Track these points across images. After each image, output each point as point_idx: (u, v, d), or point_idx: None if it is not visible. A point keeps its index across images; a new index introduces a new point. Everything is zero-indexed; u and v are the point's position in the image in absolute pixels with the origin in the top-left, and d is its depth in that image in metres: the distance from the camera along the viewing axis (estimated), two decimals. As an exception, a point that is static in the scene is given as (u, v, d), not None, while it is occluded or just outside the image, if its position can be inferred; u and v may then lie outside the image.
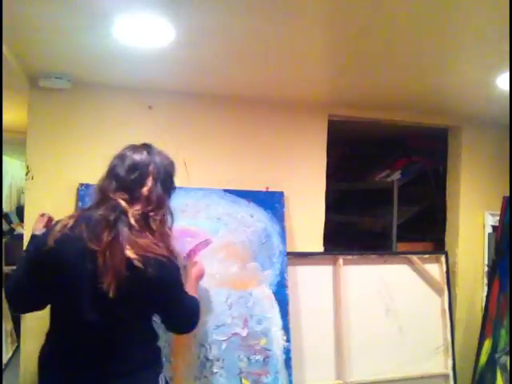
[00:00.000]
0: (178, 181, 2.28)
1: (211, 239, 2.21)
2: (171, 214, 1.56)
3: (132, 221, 1.42)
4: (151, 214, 1.47)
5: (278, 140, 2.50)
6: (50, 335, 1.56)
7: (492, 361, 2.51)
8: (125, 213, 1.43)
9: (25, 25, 1.50)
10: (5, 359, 3.23)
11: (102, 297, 1.37)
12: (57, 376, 1.48)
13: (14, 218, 5.94)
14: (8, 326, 3.47)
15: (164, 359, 2.05)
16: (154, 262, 1.40)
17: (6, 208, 6.12)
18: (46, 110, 2.16)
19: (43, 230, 1.69)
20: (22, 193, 6.39)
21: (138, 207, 1.45)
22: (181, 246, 2.12)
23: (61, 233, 1.44)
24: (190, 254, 2.14)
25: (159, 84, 2.23)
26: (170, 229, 1.55)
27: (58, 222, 1.52)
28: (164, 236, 1.49)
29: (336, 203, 3.32)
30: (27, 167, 2.14)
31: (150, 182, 1.50)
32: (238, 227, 2.27)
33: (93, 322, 1.43)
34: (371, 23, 1.46)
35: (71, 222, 1.46)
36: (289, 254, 2.36)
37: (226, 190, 2.30)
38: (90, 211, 1.49)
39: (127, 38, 1.59)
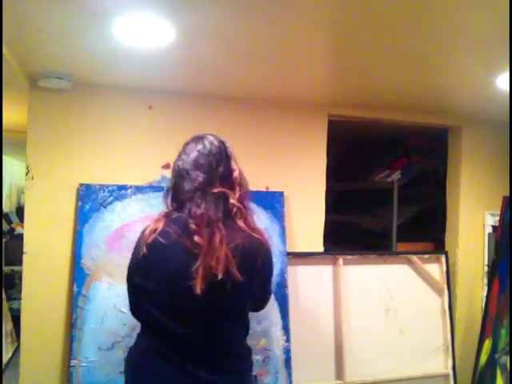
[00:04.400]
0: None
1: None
2: None
3: (237, 203, 1.41)
4: (244, 197, 1.47)
5: (278, 140, 2.50)
6: (143, 336, 1.49)
7: (492, 361, 2.50)
8: (227, 201, 1.41)
9: (25, 25, 1.50)
10: (5, 359, 3.23)
11: (204, 299, 1.33)
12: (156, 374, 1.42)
13: (14, 218, 5.95)
14: (8, 326, 3.47)
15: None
16: (252, 252, 1.41)
17: (5, 208, 6.13)
18: (46, 110, 2.16)
19: None
20: (22, 193, 6.39)
21: (234, 195, 1.44)
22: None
23: (152, 238, 1.38)
24: None
25: (159, 84, 2.23)
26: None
27: (145, 228, 1.45)
28: (254, 219, 1.50)
29: (336, 203, 3.32)
30: (27, 167, 2.14)
31: (235, 166, 1.49)
32: (238, 227, 2.26)
33: (192, 328, 1.39)
34: (371, 24, 1.46)
35: (160, 226, 1.40)
36: (289, 253, 2.36)
37: (226, 190, 2.29)
38: (180, 212, 1.42)
39: (127, 38, 1.59)
